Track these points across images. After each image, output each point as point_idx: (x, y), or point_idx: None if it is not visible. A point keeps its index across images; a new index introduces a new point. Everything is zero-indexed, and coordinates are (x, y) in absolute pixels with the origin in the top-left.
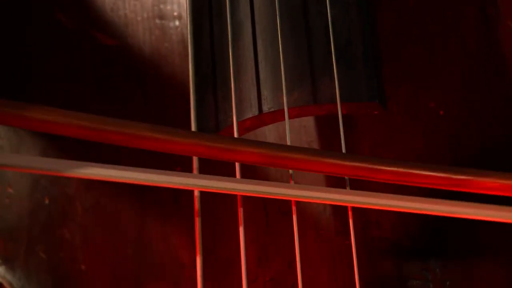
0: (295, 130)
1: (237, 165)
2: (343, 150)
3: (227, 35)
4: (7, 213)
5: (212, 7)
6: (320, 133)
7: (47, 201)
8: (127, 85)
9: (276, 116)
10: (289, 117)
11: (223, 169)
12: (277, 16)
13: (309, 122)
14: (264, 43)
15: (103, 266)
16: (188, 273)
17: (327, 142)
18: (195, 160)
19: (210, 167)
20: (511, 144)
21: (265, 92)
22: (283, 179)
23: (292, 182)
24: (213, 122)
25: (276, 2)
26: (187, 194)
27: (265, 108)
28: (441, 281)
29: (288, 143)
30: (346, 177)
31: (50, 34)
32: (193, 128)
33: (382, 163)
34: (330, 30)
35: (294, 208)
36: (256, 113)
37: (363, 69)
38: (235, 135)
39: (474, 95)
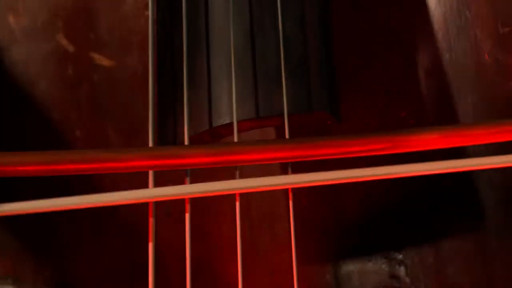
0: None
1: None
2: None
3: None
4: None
5: (173, 19)
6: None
7: None
8: None
9: (231, 128)
10: (243, 129)
11: None
12: (231, 28)
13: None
14: (219, 56)
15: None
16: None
17: None
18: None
19: None
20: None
21: (218, 105)
22: None
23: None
24: (171, 136)
25: (231, 15)
26: None
27: (219, 121)
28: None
29: None
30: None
31: None
32: (150, 141)
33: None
34: (281, 43)
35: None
36: (208, 127)
37: (315, 81)
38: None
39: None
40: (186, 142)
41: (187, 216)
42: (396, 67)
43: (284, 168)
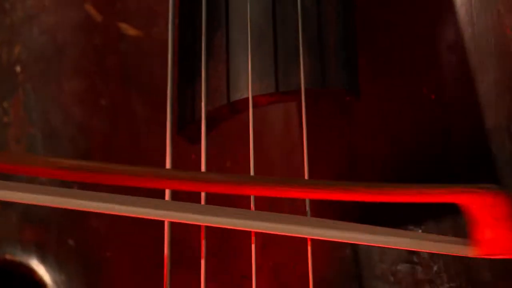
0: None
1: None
2: (304, 138)
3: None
4: None
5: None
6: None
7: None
8: None
9: (248, 103)
10: (260, 104)
11: None
12: (248, 4)
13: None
14: (238, 31)
15: (127, 253)
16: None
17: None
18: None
19: None
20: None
21: (236, 81)
22: None
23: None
24: (190, 112)
25: None
26: None
27: (237, 96)
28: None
29: (251, 131)
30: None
31: None
32: (168, 119)
33: None
34: (299, 18)
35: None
36: (225, 101)
37: (333, 57)
38: (203, 124)
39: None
40: (203, 117)
41: None
42: (418, 42)
43: None
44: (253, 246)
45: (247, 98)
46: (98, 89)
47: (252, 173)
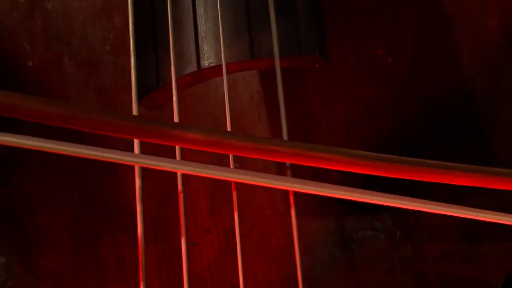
0: (246, 79)
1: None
2: (282, 105)
3: None
4: None
5: None
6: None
7: None
8: None
9: (216, 71)
10: (229, 72)
11: None
12: None
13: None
14: None
15: (60, 217)
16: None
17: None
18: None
19: None
20: (458, 89)
21: (204, 47)
22: None
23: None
24: (154, 79)
25: None
26: None
27: (205, 63)
28: (392, 231)
29: (226, 98)
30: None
31: None
32: (133, 85)
33: None
34: None
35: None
36: (195, 68)
37: (303, 23)
38: (174, 91)
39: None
40: (173, 85)
41: None
42: (371, 5)
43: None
44: None
45: (218, 66)
46: (25, 51)
47: None
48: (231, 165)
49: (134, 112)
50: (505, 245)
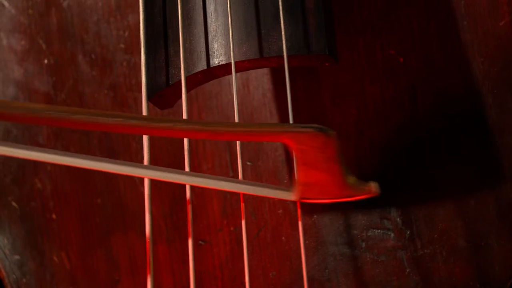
0: (258, 78)
1: None
2: (289, 102)
3: None
4: None
5: None
6: (278, 83)
7: None
8: None
9: (226, 69)
10: (238, 70)
11: None
12: None
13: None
14: None
15: (72, 215)
16: (156, 223)
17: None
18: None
19: None
20: (467, 89)
21: (214, 45)
22: None
23: None
24: (164, 77)
25: None
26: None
27: (215, 62)
28: (402, 230)
29: (235, 96)
30: None
31: None
32: (143, 82)
33: None
34: None
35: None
36: (205, 67)
37: (313, 21)
38: (183, 90)
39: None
40: (183, 83)
41: None
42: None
43: None
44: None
45: (227, 64)
46: (40, 48)
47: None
48: (239, 164)
49: (144, 111)
50: None
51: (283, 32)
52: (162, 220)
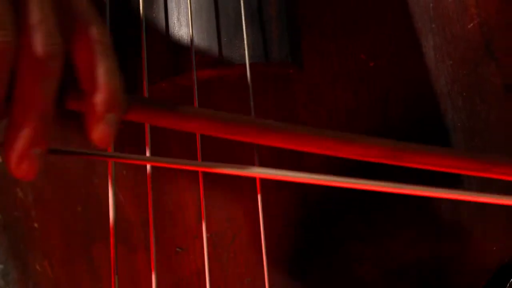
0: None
1: None
2: (252, 111)
3: None
4: None
5: None
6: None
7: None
8: None
9: (191, 77)
10: (202, 78)
11: None
12: None
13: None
14: (175, 3)
15: (54, 223)
16: (136, 231)
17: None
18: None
19: None
20: (437, 92)
21: (178, 55)
22: None
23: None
24: (132, 86)
25: None
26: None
27: (179, 71)
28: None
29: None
30: None
31: None
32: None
33: None
34: None
35: None
36: (169, 76)
37: (276, 29)
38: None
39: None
40: (146, 92)
41: None
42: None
43: None
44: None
45: (189, 73)
46: None
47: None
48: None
49: None
50: None
51: (245, 41)
52: (141, 227)
